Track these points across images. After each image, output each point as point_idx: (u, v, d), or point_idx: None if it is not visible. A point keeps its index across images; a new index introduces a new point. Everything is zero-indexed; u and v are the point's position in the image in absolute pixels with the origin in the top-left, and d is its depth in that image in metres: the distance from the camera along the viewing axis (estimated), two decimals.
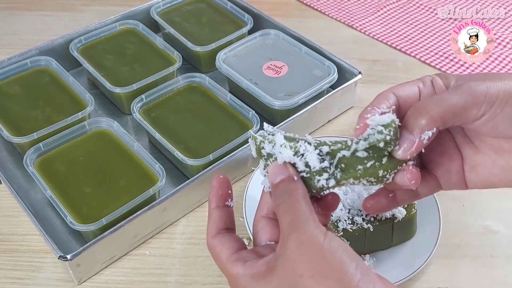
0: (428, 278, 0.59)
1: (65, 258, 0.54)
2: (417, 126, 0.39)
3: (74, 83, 0.75)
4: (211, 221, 0.41)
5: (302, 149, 0.39)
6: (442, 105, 0.39)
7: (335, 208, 0.42)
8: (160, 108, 0.73)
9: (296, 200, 0.37)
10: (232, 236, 0.40)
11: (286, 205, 0.37)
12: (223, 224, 0.41)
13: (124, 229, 0.58)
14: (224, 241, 0.39)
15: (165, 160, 0.71)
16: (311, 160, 0.38)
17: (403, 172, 0.40)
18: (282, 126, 0.70)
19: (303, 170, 0.38)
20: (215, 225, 0.41)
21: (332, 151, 0.39)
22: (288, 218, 0.36)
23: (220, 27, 0.88)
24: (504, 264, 0.60)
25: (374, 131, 0.39)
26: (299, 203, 0.36)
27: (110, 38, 0.85)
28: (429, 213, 0.61)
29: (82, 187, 0.63)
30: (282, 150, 0.38)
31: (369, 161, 0.39)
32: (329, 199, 0.42)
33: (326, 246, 0.34)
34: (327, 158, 0.39)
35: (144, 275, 0.59)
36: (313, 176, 0.39)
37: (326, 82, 0.75)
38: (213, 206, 0.41)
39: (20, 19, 0.99)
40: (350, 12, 1.03)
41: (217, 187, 0.42)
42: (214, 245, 0.40)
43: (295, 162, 0.38)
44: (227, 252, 0.39)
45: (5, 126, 0.69)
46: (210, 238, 0.40)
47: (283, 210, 0.37)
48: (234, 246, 0.39)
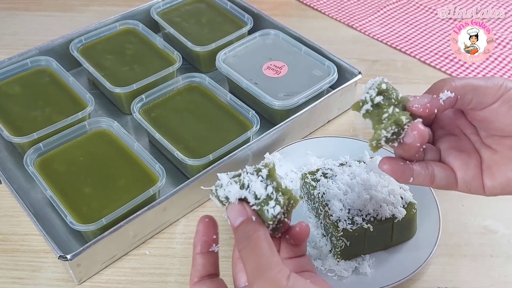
0: (428, 278, 0.59)
1: (65, 258, 0.54)
2: (437, 86, 0.44)
3: (74, 83, 0.75)
4: (194, 267, 0.42)
5: (246, 180, 0.40)
6: (464, 79, 0.44)
7: (307, 236, 0.43)
8: (160, 108, 0.73)
9: (256, 244, 0.38)
10: (211, 282, 0.41)
11: (247, 250, 0.38)
12: (205, 272, 0.41)
13: (124, 229, 0.58)
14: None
15: (165, 160, 0.71)
16: (257, 188, 0.39)
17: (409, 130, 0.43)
18: (282, 126, 0.70)
19: (254, 203, 0.39)
20: (197, 273, 0.41)
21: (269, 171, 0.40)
22: (251, 264, 0.37)
23: (220, 27, 0.88)
24: (504, 264, 0.60)
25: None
26: (259, 247, 0.37)
27: (110, 38, 0.85)
28: (429, 213, 0.61)
29: (82, 187, 0.63)
30: (230, 188, 0.40)
31: None
32: (297, 230, 0.42)
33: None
34: (268, 181, 0.40)
35: (144, 275, 0.59)
36: (262, 207, 0.39)
37: (326, 82, 0.75)
38: (197, 252, 0.42)
39: (20, 19, 1.00)
40: (350, 12, 1.03)
41: (202, 231, 0.42)
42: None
43: (245, 196, 0.39)
44: None
45: (5, 126, 0.69)
46: (191, 284, 0.41)
47: (245, 256, 0.38)
48: None
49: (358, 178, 0.60)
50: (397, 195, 0.58)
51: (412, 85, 0.86)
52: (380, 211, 0.57)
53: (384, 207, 0.57)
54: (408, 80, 0.87)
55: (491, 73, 0.88)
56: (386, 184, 0.59)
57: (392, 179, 0.60)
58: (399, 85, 0.85)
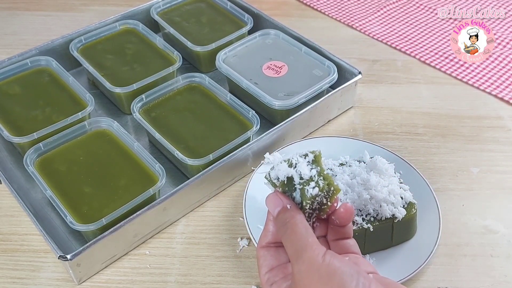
0: (428, 278, 0.59)
1: (65, 258, 0.54)
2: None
3: (74, 83, 0.75)
4: (264, 232, 0.45)
5: (294, 161, 0.44)
6: None
7: (351, 217, 0.45)
8: (160, 108, 0.73)
9: (293, 230, 0.41)
10: (276, 251, 0.44)
11: (286, 236, 0.41)
12: (273, 238, 0.44)
13: (124, 229, 0.58)
14: (267, 257, 0.44)
15: (165, 160, 0.71)
16: (303, 169, 0.43)
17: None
18: (282, 126, 0.70)
19: (298, 182, 0.43)
20: (266, 238, 0.45)
21: (315, 156, 0.44)
22: (290, 248, 0.40)
23: (220, 27, 0.88)
24: (504, 264, 0.60)
25: None
26: (295, 232, 0.40)
27: (110, 38, 0.85)
28: (429, 213, 0.61)
29: (82, 187, 0.63)
30: (280, 167, 0.44)
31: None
32: (342, 211, 0.44)
33: (325, 268, 0.37)
34: (313, 166, 0.44)
35: (144, 275, 0.59)
36: (304, 187, 0.42)
37: (326, 82, 0.75)
38: (270, 218, 0.45)
39: (20, 19, 1.00)
40: (350, 12, 1.03)
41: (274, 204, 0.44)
42: (259, 256, 0.44)
43: (292, 175, 0.43)
44: (264, 270, 0.44)
45: (5, 126, 0.69)
46: (258, 248, 0.45)
47: (285, 242, 0.41)
48: (272, 263, 0.44)
49: (358, 178, 0.60)
50: (397, 195, 0.58)
51: (412, 85, 0.86)
52: (380, 211, 0.57)
53: (384, 207, 0.57)
54: (408, 80, 0.87)
55: (491, 73, 0.88)
56: (386, 184, 0.59)
57: (392, 179, 0.60)
58: (399, 85, 0.85)
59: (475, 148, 0.74)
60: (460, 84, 0.86)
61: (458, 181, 0.70)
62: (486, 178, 0.70)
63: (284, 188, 0.43)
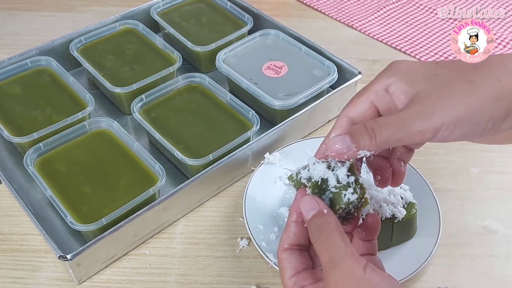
0: (428, 278, 0.59)
1: (65, 258, 0.54)
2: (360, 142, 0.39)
3: (74, 83, 0.75)
4: (285, 234, 0.42)
5: (333, 164, 0.42)
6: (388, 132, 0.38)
7: (378, 229, 0.43)
8: (160, 108, 0.73)
9: (328, 236, 0.38)
10: (300, 254, 0.42)
11: (320, 242, 0.38)
12: (296, 240, 0.42)
13: (124, 229, 0.58)
14: (291, 259, 0.41)
15: (165, 160, 0.71)
16: (341, 173, 0.41)
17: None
18: (282, 126, 0.70)
19: (334, 185, 0.41)
20: (288, 240, 0.42)
21: (350, 165, 0.42)
22: (325, 256, 0.38)
23: (220, 27, 0.88)
24: (504, 264, 0.60)
25: None
26: (331, 239, 0.38)
27: (110, 38, 0.85)
28: (429, 213, 0.61)
29: (82, 187, 0.63)
30: (316, 167, 0.42)
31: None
32: (369, 222, 0.43)
33: (365, 282, 0.35)
34: (349, 173, 0.42)
35: (144, 275, 0.59)
36: (341, 191, 0.41)
37: (326, 82, 0.75)
38: (293, 220, 0.42)
39: (20, 19, 1.00)
40: (350, 12, 1.03)
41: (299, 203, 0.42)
42: (282, 258, 0.41)
43: (328, 177, 0.41)
44: (289, 273, 0.41)
45: (5, 126, 0.69)
46: (280, 250, 0.42)
47: (319, 248, 0.38)
48: (297, 267, 0.41)
49: None
50: (397, 195, 0.58)
51: None
52: (380, 211, 0.57)
53: (384, 207, 0.57)
54: None
55: None
56: None
57: None
58: None
59: (475, 148, 0.74)
60: None
61: (457, 181, 0.70)
62: (486, 178, 0.70)
63: (314, 189, 0.41)
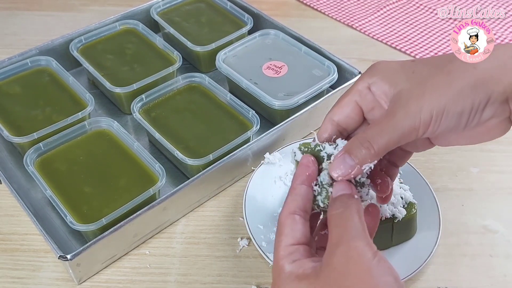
0: (428, 278, 0.59)
1: (65, 258, 0.54)
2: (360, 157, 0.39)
3: (74, 83, 0.75)
4: (291, 196, 0.40)
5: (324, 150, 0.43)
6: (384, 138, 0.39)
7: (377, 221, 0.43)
8: (160, 108, 0.73)
9: (351, 214, 0.37)
10: (304, 225, 0.40)
11: (341, 215, 0.38)
12: (302, 204, 0.40)
13: (124, 229, 0.58)
14: (294, 227, 0.39)
15: (165, 160, 0.71)
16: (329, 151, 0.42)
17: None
18: (282, 126, 0.70)
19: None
20: (295, 203, 0.40)
21: None
22: (340, 229, 0.37)
23: (219, 27, 0.88)
24: (503, 263, 0.60)
25: None
26: (353, 217, 0.37)
27: (110, 38, 0.85)
28: (429, 213, 0.61)
29: (82, 187, 0.63)
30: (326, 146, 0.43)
31: None
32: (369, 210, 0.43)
33: (374, 266, 0.35)
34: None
35: (144, 275, 0.59)
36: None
37: (326, 82, 0.75)
38: (299, 183, 0.41)
39: (20, 19, 1.00)
40: (350, 12, 1.03)
41: (306, 165, 0.41)
42: (286, 224, 0.39)
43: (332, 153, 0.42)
44: (288, 241, 0.39)
45: (5, 126, 0.69)
46: (286, 213, 0.40)
47: (336, 221, 0.38)
48: (299, 237, 0.39)
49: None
50: (397, 195, 0.58)
51: None
52: (380, 211, 0.57)
53: (384, 207, 0.57)
54: None
55: None
56: None
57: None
58: None
59: (475, 148, 0.74)
60: None
61: (457, 181, 0.70)
62: (486, 178, 0.70)
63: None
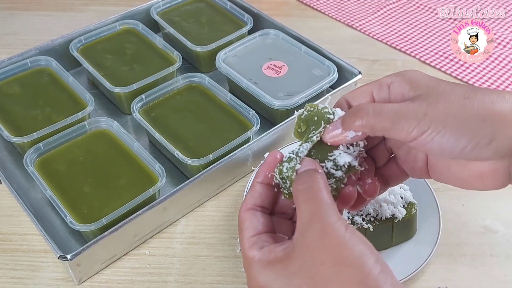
0: (428, 278, 0.59)
1: (65, 258, 0.54)
2: (348, 124, 0.41)
3: (74, 83, 0.75)
4: (250, 194, 0.41)
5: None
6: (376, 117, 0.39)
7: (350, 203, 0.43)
8: (160, 108, 0.73)
9: (318, 190, 0.37)
10: (263, 217, 0.41)
11: (307, 191, 0.37)
12: (260, 202, 0.41)
13: (124, 229, 0.58)
14: (253, 220, 0.40)
15: (165, 160, 0.71)
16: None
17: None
18: (282, 126, 0.70)
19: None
20: (253, 200, 0.41)
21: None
22: (310, 207, 0.37)
23: (219, 27, 0.88)
24: (504, 263, 0.60)
25: None
26: (321, 193, 0.37)
27: (110, 38, 0.85)
28: (429, 213, 0.61)
29: (82, 187, 0.63)
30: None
31: None
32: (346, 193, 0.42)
33: (348, 238, 0.35)
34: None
35: (144, 275, 0.59)
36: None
37: (326, 82, 0.75)
38: (259, 181, 0.42)
39: (20, 19, 1.00)
40: (350, 12, 1.03)
41: (269, 163, 0.42)
42: (244, 218, 0.40)
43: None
44: (250, 232, 0.39)
45: (5, 126, 0.69)
46: (244, 210, 0.41)
47: (304, 198, 0.37)
48: (259, 228, 0.40)
49: None
50: (397, 195, 0.58)
51: None
52: (380, 211, 0.57)
53: (384, 207, 0.57)
54: None
55: (491, 73, 0.88)
56: None
57: None
58: None
59: None
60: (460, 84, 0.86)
61: None
62: None
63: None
